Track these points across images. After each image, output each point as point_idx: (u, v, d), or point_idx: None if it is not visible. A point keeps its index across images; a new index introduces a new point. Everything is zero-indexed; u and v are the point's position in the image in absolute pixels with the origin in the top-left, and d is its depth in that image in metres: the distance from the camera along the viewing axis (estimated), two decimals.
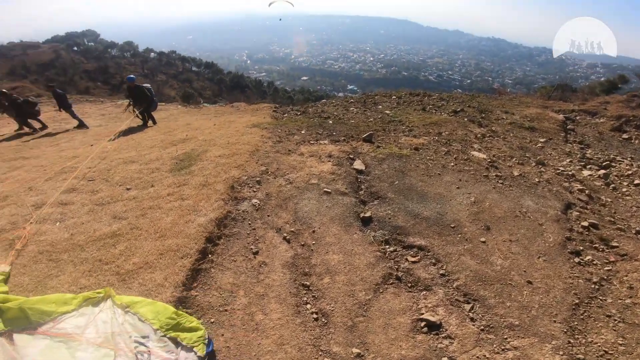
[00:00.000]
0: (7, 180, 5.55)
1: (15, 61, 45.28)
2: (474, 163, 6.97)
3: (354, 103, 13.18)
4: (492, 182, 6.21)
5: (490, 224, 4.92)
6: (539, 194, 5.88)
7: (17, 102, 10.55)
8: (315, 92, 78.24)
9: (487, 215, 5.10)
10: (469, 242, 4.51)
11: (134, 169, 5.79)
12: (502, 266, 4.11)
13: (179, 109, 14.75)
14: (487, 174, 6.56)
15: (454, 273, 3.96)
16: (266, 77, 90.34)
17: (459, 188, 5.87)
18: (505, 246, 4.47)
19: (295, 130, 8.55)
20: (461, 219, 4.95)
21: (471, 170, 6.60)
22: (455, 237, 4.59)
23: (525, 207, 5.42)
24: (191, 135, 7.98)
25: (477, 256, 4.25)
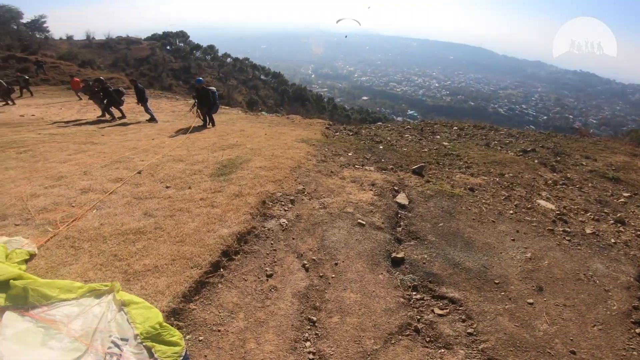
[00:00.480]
0: (70, 162, 6.07)
1: (119, 54, 52.22)
2: (539, 213, 6.01)
3: (410, 130, 12.58)
4: (557, 238, 5.27)
5: (544, 285, 4.14)
6: (612, 257, 4.83)
7: (109, 90, 11.91)
8: (373, 114, 78.20)
9: (542, 275, 4.28)
10: (513, 301, 3.80)
11: (178, 168, 5.96)
12: (546, 332, 3.34)
13: (239, 114, 15.47)
14: (553, 228, 5.59)
15: (484, 334, 3.29)
16: (327, 93, 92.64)
17: (514, 240, 5.05)
18: (557, 311, 3.67)
19: (342, 151, 8.27)
20: (509, 276, 4.22)
21: (533, 221, 5.68)
22: (497, 294, 3.90)
23: (592, 270, 4.49)
24: (241, 142, 8.14)
25: (517, 318, 3.53)
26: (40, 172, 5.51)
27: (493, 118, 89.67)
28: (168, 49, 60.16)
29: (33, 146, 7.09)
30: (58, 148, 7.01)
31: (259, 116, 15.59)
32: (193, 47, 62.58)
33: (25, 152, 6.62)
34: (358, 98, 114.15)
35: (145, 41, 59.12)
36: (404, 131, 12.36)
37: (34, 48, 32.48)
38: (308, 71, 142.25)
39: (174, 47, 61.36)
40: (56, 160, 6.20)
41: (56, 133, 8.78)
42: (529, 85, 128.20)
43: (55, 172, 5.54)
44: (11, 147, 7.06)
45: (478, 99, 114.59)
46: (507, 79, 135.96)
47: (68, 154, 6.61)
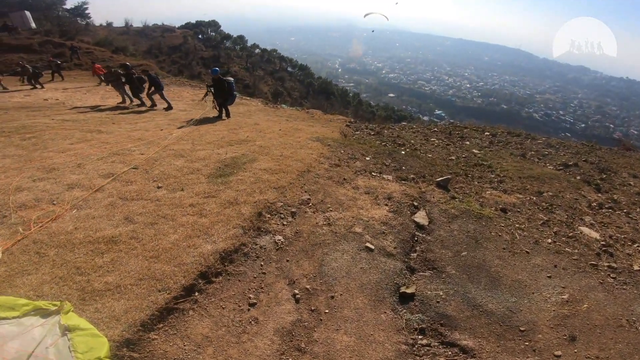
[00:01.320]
0: (69, 151, 5.78)
1: (154, 42, 53.39)
2: (581, 244, 5.10)
3: (437, 133, 11.59)
4: (600, 275, 4.40)
5: (578, 334, 3.39)
6: None
7: (133, 77, 11.77)
8: (399, 111, 76.11)
9: (578, 321, 3.51)
10: (537, 354, 3.14)
11: (177, 165, 5.52)
12: None
13: (258, 106, 15.02)
14: (597, 263, 4.69)
15: None
16: (353, 88, 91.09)
17: (551, 277, 4.24)
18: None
19: (359, 155, 7.56)
20: (539, 322, 3.49)
21: (575, 253, 4.81)
22: (519, 344, 3.22)
23: (636, 314, 3.62)
24: (251, 138, 7.62)
25: None
26: (34, 162, 5.24)
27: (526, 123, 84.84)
28: (200, 37, 60.93)
29: (40, 132, 6.91)
30: (63, 136, 6.78)
31: (278, 109, 15.07)
32: (223, 37, 63.09)
33: (29, 139, 6.43)
34: (384, 95, 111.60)
35: (179, 29, 60.14)
36: (430, 134, 11.42)
37: (71, 34, 33.60)
38: (335, 65, 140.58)
39: (206, 36, 62.09)
40: (55, 149, 5.94)
41: (69, 119, 8.65)
42: (568, 90, 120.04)
43: (50, 163, 5.25)
44: (19, 132, 6.91)
45: (512, 102, 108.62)
46: (546, 83, 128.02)
47: (70, 142, 6.35)
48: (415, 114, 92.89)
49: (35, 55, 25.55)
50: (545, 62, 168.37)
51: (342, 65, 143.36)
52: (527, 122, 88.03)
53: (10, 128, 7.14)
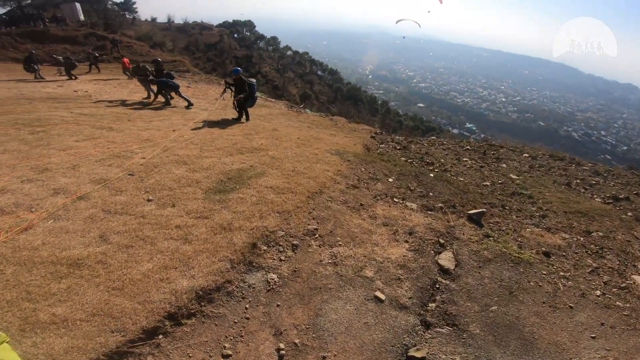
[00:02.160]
0: (70, 150, 5.49)
1: (192, 38, 54.94)
2: (634, 296, 4.18)
3: (470, 151, 10.59)
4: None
5: None
6: None
7: (163, 72, 11.65)
8: (427, 122, 73.93)
9: None
10: None
11: (175, 174, 5.04)
12: None
13: (281, 110, 14.56)
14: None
15: None
16: (382, 96, 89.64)
17: (595, 338, 3.40)
18: None
19: (381, 175, 6.81)
20: None
21: (626, 308, 3.91)
22: None
23: None
24: (265, 146, 7.08)
25: None
26: (30, 160, 4.96)
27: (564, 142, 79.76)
28: (235, 36, 62.11)
29: (51, 127, 6.75)
30: (72, 132, 6.56)
31: (300, 114, 14.53)
32: (257, 37, 64.07)
33: (37, 133, 6.24)
34: (414, 104, 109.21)
35: (217, 28, 61.58)
36: (462, 153, 10.43)
37: (115, 27, 34.99)
38: (365, 71, 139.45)
39: (241, 35, 63.25)
40: (58, 146, 5.68)
41: (87, 113, 8.53)
42: (613, 109, 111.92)
43: (45, 162, 4.95)
44: (32, 125, 6.78)
45: (549, 120, 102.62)
46: (589, 100, 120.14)
47: (76, 139, 6.09)
48: (445, 126, 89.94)
49: (79, 47, 26.59)
50: (590, 78, 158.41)
51: (373, 72, 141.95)
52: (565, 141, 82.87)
53: (24, 120, 7.05)
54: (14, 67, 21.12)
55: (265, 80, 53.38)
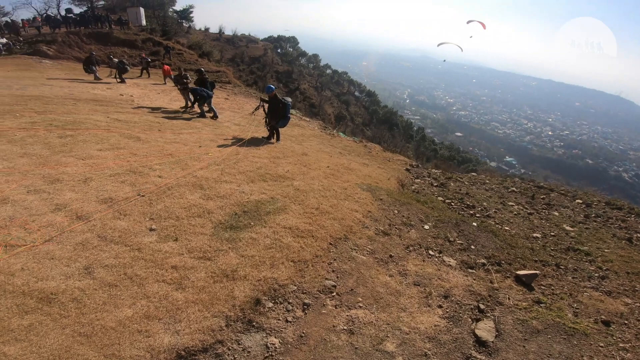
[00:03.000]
0: (89, 160, 5.27)
1: (238, 50, 57.51)
2: None
3: (516, 194, 9.42)
4: None
5: None
6: None
7: (207, 82, 11.63)
8: (464, 153, 71.05)
9: None
10: None
11: (188, 201, 4.57)
12: None
13: (314, 131, 14.13)
14: None
15: None
16: (419, 122, 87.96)
17: None
18: None
19: (416, 220, 5.99)
20: None
21: None
22: None
23: None
24: (291, 174, 6.53)
25: None
26: (45, 168, 4.74)
27: (613, 183, 73.26)
28: (278, 51, 64.19)
29: (81, 131, 6.68)
30: (100, 139, 6.43)
31: (334, 137, 14.02)
32: (300, 54, 65.81)
33: (65, 137, 6.15)
34: (451, 133, 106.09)
35: (262, 42, 64.08)
36: (507, 195, 9.30)
37: (170, 34, 37.17)
38: (403, 95, 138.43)
39: (284, 50, 65.32)
40: (79, 154, 5.48)
41: (122, 119, 8.54)
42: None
43: (59, 171, 4.70)
44: (64, 127, 6.76)
45: (599, 158, 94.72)
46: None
47: (99, 148, 5.90)
48: (482, 158, 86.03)
49: (136, 50, 28.20)
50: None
51: (411, 96, 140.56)
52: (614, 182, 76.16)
53: (60, 122, 7.08)
54: (76, 65, 22.78)
55: (303, 97, 54.22)
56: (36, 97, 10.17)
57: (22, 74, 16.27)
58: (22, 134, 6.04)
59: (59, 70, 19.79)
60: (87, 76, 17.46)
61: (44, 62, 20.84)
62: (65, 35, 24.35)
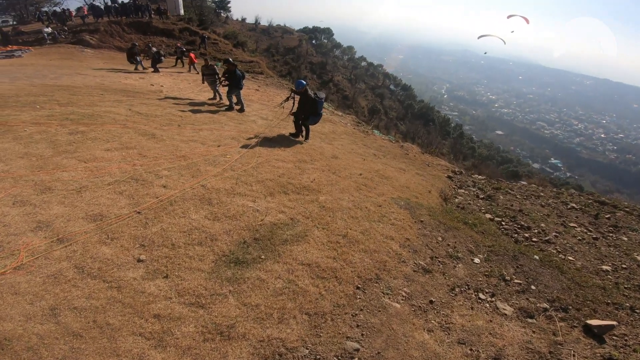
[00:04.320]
0: (92, 162, 4.68)
1: (273, 41, 57.14)
2: None
3: (577, 212, 7.97)
4: None
5: None
6: None
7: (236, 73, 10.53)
8: (504, 152, 66.61)
9: None
10: None
11: (190, 222, 3.82)
12: None
13: (346, 128, 13.07)
14: None
15: None
16: (456, 118, 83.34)
17: None
18: None
19: (464, 251, 4.90)
20: None
21: None
22: None
23: None
24: (316, 185, 5.62)
25: None
26: (41, 173, 4.20)
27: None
28: (313, 42, 63.08)
29: (96, 127, 6.20)
30: (111, 136, 5.89)
31: (368, 135, 12.84)
32: (334, 45, 64.29)
33: (75, 134, 5.67)
34: (491, 131, 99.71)
35: (297, 32, 63.29)
36: (566, 212, 7.86)
37: (207, 24, 37.27)
38: (441, 90, 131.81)
39: (318, 42, 64.08)
40: (82, 155, 4.94)
41: (143, 113, 8.08)
42: None
43: (54, 177, 4.15)
44: (79, 121, 6.33)
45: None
46: None
47: (107, 148, 5.34)
48: (525, 159, 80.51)
49: (173, 40, 28.39)
50: None
51: (449, 91, 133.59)
52: None
53: (77, 115, 6.69)
54: (116, 55, 23.29)
55: (336, 89, 52.91)
56: (66, 87, 10.06)
57: (62, 63, 16.73)
58: (32, 129, 5.65)
59: (99, 59, 20.25)
60: (125, 65, 17.58)
61: (85, 51, 21.47)
62: (107, 25, 24.97)
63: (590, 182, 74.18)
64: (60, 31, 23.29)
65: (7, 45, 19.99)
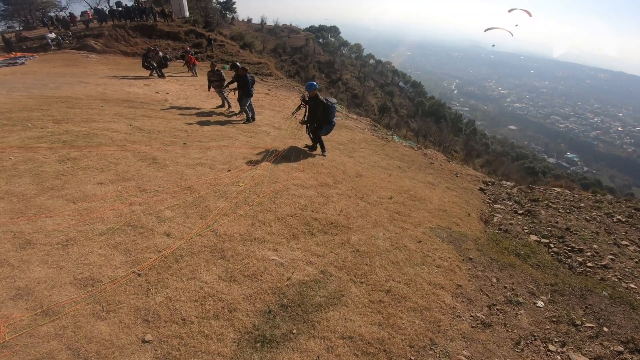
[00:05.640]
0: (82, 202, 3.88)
1: (280, 41, 56.24)
2: None
3: (624, 225, 7.44)
4: None
5: None
6: None
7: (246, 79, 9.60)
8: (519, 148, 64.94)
9: None
10: None
11: (200, 288, 3.00)
12: None
13: (364, 134, 12.12)
14: None
15: None
16: (467, 114, 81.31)
17: None
18: None
19: (524, 293, 4.17)
20: None
21: None
22: None
23: None
24: (346, 217, 4.78)
25: None
26: (21, 221, 3.46)
27: None
28: (320, 41, 62.09)
29: (90, 150, 5.45)
30: (106, 163, 5.09)
31: (388, 142, 11.87)
32: (341, 44, 63.14)
33: (65, 162, 4.92)
34: (503, 126, 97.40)
35: (303, 32, 62.36)
36: (613, 227, 7.23)
37: (213, 26, 36.57)
38: (451, 86, 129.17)
39: (325, 40, 63.05)
40: (70, 193, 4.16)
41: (144, 129, 7.31)
42: None
43: (37, 226, 3.40)
44: (72, 144, 5.59)
45: None
46: None
47: (100, 180, 4.55)
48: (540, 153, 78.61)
49: (179, 43, 27.77)
50: None
51: (459, 87, 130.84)
52: None
53: (71, 135, 5.96)
54: (121, 60, 22.73)
55: (345, 87, 51.83)
56: (64, 98, 9.40)
57: (65, 70, 16.17)
58: (18, 156, 4.92)
59: (104, 64, 19.67)
60: (131, 71, 16.97)
61: (90, 57, 20.94)
62: (111, 29, 24.43)
63: (609, 177, 72.00)
64: (65, 36, 22.82)
65: (11, 52, 19.55)
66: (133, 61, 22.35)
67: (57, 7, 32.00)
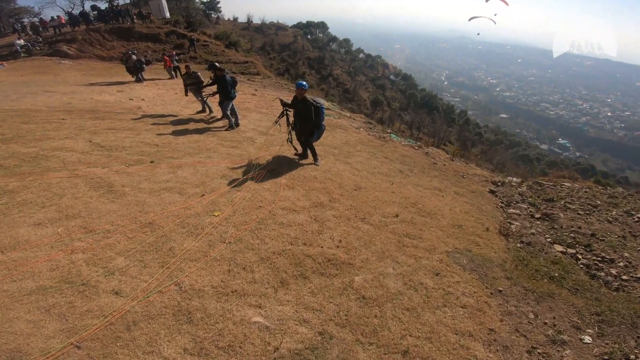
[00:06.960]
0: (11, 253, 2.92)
1: (267, 39, 54.81)
2: None
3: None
4: None
5: None
6: None
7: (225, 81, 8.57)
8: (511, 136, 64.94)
9: None
10: None
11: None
12: None
13: (360, 134, 11.15)
14: None
15: None
16: (459, 104, 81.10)
17: None
18: None
19: (567, 328, 3.57)
20: None
21: None
22: None
23: None
24: (346, 250, 3.93)
25: None
26: None
27: None
28: (308, 37, 60.91)
29: (32, 180, 4.46)
30: (49, 196, 4.11)
31: (386, 142, 10.91)
32: (330, 39, 62.09)
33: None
34: (495, 115, 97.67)
35: (291, 28, 61.05)
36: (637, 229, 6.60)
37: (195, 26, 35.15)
38: (441, 77, 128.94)
39: (314, 36, 61.90)
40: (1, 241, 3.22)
41: (106, 146, 6.28)
42: None
43: None
44: (13, 173, 4.59)
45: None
46: None
47: (37, 221, 3.57)
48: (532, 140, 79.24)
49: (160, 45, 26.49)
50: None
51: (449, 77, 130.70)
52: None
53: (16, 159, 4.92)
54: (96, 64, 21.44)
55: (336, 83, 50.83)
56: (22, 112, 8.33)
57: (33, 79, 14.95)
58: None
59: (77, 70, 18.44)
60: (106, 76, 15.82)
61: (63, 63, 19.65)
62: (85, 33, 23.08)
63: (601, 161, 72.73)
64: (35, 43, 21.43)
65: None
66: (109, 65, 21.07)
67: (31, 13, 30.34)
